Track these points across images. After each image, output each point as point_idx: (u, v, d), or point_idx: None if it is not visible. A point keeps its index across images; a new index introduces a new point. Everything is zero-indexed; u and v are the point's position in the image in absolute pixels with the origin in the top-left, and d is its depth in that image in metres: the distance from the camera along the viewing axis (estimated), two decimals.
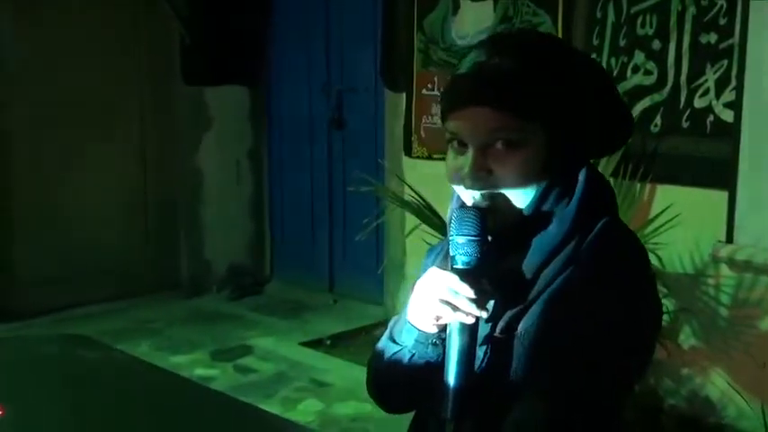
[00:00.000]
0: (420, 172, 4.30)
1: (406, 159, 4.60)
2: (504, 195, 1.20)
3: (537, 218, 1.21)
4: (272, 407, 3.61)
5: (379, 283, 4.82)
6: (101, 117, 5.09)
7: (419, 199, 3.49)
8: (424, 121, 4.48)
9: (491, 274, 1.20)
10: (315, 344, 4.60)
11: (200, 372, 4.16)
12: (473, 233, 1.17)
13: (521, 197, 1.20)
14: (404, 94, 4.61)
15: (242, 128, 5.61)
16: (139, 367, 2.27)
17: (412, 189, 3.61)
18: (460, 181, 1.21)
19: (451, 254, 1.19)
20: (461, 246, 1.18)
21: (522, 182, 1.19)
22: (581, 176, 1.23)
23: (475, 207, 1.21)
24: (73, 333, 3.36)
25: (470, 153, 1.20)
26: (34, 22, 4.81)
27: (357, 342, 4.55)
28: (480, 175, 1.19)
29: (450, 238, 1.19)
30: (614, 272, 1.18)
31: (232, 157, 5.59)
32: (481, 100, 1.17)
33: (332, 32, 5.23)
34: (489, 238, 1.20)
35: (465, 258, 1.18)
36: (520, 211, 1.21)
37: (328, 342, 4.60)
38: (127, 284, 5.21)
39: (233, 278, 5.56)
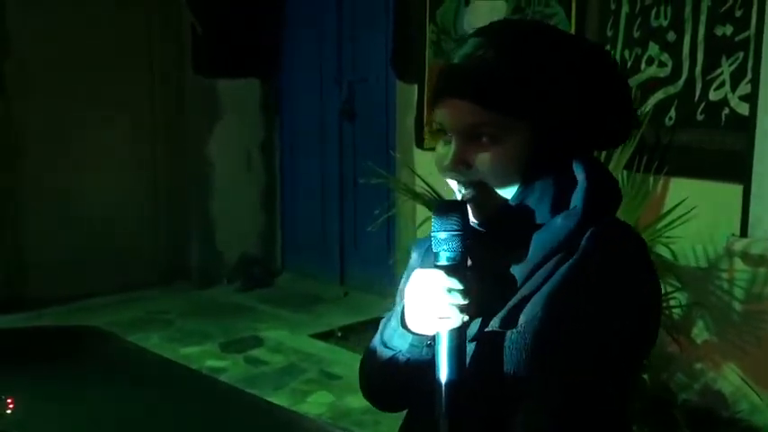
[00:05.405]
0: (431, 164, 4.27)
1: (417, 151, 4.58)
2: (487, 188, 1.19)
3: (523, 211, 1.20)
4: (282, 399, 3.61)
5: (390, 274, 4.79)
6: (112, 105, 5.10)
7: (430, 191, 3.48)
8: (432, 116, 4.46)
9: (478, 268, 1.19)
10: (326, 336, 4.60)
11: (210, 363, 4.17)
12: (455, 228, 1.17)
13: (503, 191, 1.20)
14: (415, 86, 4.60)
15: (253, 119, 5.61)
16: (151, 360, 2.27)
17: (423, 181, 3.60)
18: (443, 171, 1.22)
19: (434, 250, 1.18)
20: (444, 241, 1.17)
21: (500, 177, 1.19)
22: (580, 171, 1.21)
23: (456, 201, 1.20)
24: (84, 324, 3.38)
25: (453, 144, 1.20)
26: (47, 11, 4.82)
27: (368, 334, 4.49)
28: (460, 169, 1.20)
29: (433, 234, 1.18)
30: (615, 263, 1.18)
31: (243, 147, 5.58)
32: (462, 93, 1.17)
33: (344, 23, 5.21)
34: (476, 226, 1.20)
35: (449, 254, 1.17)
36: (505, 203, 1.20)
37: (339, 334, 4.60)
38: (138, 275, 5.22)
39: (244, 269, 5.56)
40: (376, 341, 1.32)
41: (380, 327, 1.32)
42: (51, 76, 4.86)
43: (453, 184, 1.23)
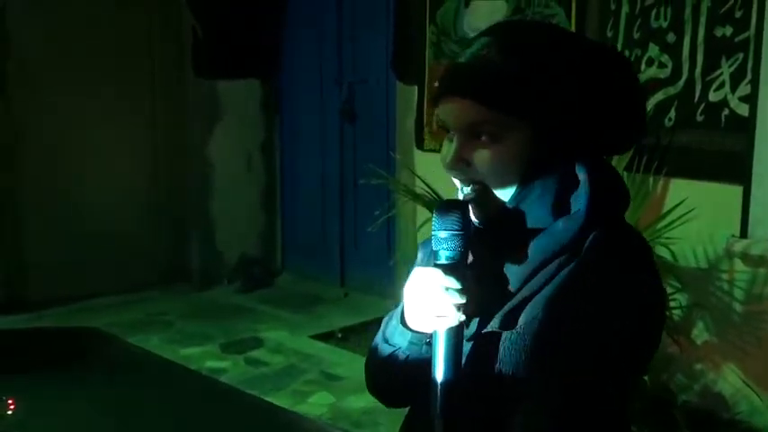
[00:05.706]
0: (432, 165, 4.26)
1: (417, 152, 4.58)
2: (489, 187, 1.20)
3: (525, 211, 1.20)
4: (282, 400, 3.61)
5: (390, 275, 4.80)
6: (113, 107, 5.10)
7: (431, 192, 3.48)
8: (435, 113, 4.46)
9: (478, 268, 1.20)
10: (326, 336, 4.60)
11: (210, 364, 4.17)
12: (455, 227, 1.17)
13: (502, 190, 1.20)
14: (415, 87, 4.60)
15: (254, 119, 5.61)
16: (151, 361, 2.27)
17: (423, 182, 3.60)
18: (445, 169, 1.23)
19: (434, 249, 1.19)
20: (444, 240, 1.18)
21: (499, 176, 1.19)
22: (582, 172, 1.20)
23: (457, 201, 1.21)
24: (85, 325, 3.37)
25: (454, 142, 1.21)
26: (47, 11, 4.82)
27: (368, 335, 4.53)
28: (459, 166, 1.20)
29: (433, 233, 1.19)
30: (615, 265, 1.17)
31: (244, 148, 5.58)
32: (464, 91, 1.18)
33: (344, 24, 5.21)
34: (478, 225, 1.20)
35: (448, 253, 1.18)
36: (504, 204, 1.20)
37: (339, 335, 4.60)
38: (138, 276, 5.22)
39: (244, 270, 5.56)
40: (378, 338, 1.33)
41: (383, 324, 1.34)
42: (51, 76, 4.86)
43: (457, 182, 1.24)
